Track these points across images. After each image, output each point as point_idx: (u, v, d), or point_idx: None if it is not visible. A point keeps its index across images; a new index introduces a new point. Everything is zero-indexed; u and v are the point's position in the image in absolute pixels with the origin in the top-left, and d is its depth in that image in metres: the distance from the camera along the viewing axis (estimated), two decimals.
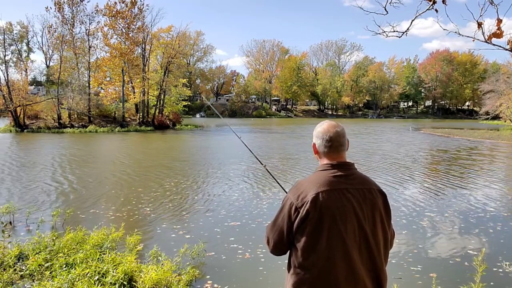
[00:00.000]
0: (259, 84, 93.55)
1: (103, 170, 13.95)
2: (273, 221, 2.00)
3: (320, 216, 1.83)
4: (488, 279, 4.73)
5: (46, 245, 5.19)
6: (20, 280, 4.53)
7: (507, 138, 30.21)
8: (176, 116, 44.68)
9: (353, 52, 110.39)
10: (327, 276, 1.83)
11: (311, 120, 72.20)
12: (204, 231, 6.87)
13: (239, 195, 9.81)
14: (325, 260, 1.83)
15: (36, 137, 28.87)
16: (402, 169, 14.47)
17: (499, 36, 3.17)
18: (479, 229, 7.20)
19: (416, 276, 5.12)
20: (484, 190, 10.85)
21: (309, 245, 1.85)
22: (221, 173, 13.25)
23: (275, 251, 2.03)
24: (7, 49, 39.54)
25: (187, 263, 5.14)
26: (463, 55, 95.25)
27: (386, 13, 3.69)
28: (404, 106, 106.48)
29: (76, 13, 41.13)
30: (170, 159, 17.38)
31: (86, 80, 42.79)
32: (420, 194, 10.25)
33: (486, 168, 15.43)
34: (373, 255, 1.91)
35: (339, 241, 1.84)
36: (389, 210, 2.02)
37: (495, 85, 47.52)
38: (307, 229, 1.85)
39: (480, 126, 48.86)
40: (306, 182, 1.96)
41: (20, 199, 9.09)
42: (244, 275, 5.17)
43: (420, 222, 7.54)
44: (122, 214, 7.97)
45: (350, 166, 2.01)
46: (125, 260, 4.66)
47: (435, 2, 3.21)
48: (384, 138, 31.40)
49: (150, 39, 43.23)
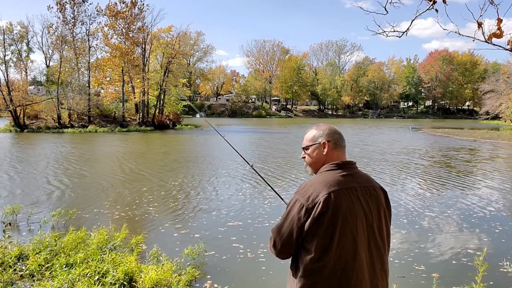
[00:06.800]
0: (259, 84, 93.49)
1: (105, 170, 13.95)
2: (280, 224, 1.95)
3: (333, 216, 1.82)
4: (490, 279, 4.73)
5: (47, 245, 5.18)
6: (20, 280, 4.53)
7: (507, 138, 30.20)
8: (176, 116, 44.67)
9: (353, 52, 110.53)
10: (339, 277, 1.82)
11: (311, 120, 72.16)
12: (206, 231, 6.88)
13: (241, 195, 9.81)
14: (337, 260, 1.82)
15: (36, 137, 28.86)
16: (402, 169, 14.47)
17: (499, 36, 3.17)
18: (481, 228, 7.20)
19: (418, 276, 5.12)
20: (485, 190, 10.85)
21: (321, 246, 1.83)
22: (223, 172, 13.24)
23: (282, 254, 1.98)
24: (7, 49, 39.43)
25: (187, 263, 5.14)
26: (463, 55, 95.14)
27: (386, 13, 3.69)
28: (404, 106, 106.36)
29: (77, 13, 41.17)
30: (172, 158, 17.39)
31: (86, 80, 42.79)
32: (420, 194, 10.25)
33: (486, 168, 15.43)
34: (381, 252, 1.94)
35: (350, 240, 1.84)
36: (390, 206, 2.07)
37: (495, 85, 47.51)
38: (320, 230, 1.83)
39: (480, 126, 48.83)
40: (314, 183, 1.94)
41: (21, 199, 9.08)
42: (245, 275, 5.17)
43: (421, 222, 7.54)
44: (126, 213, 7.99)
45: (354, 165, 2.04)
46: (125, 260, 4.66)
47: (435, 2, 3.21)
48: (384, 138, 31.39)
49: (150, 39, 43.22)
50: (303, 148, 2.13)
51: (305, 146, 2.11)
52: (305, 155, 2.12)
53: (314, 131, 2.10)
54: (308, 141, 2.10)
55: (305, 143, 2.12)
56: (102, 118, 40.61)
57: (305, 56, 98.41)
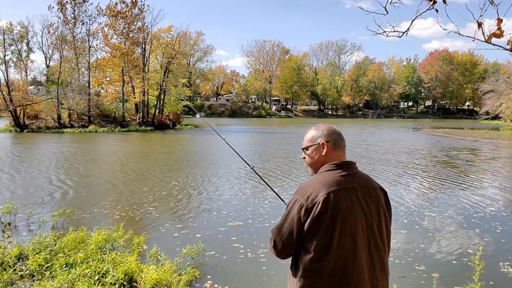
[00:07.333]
0: (259, 84, 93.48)
1: (105, 170, 13.95)
2: (280, 224, 1.95)
3: (332, 216, 1.82)
4: (491, 279, 4.74)
5: (47, 245, 5.18)
6: (20, 280, 4.52)
7: (507, 138, 30.20)
8: (176, 116, 44.66)
9: (353, 52, 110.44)
10: (339, 277, 1.82)
11: (311, 120, 72.15)
12: (206, 231, 6.88)
13: (242, 195, 9.82)
14: (336, 261, 1.82)
15: (36, 137, 28.86)
16: (402, 169, 14.47)
17: (499, 36, 3.17)
18: (481, 228, 7.19)
19: (419, 276, 5.12)
20: (485, 190, 10.85)
21: (321, 246, 1.82)
22: (223, 172, 13.25)
23: (282, 255, 1.98)
24: (7, 49, 39.47)
25: (187, 263, 5.14)
26: (463, 55, 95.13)
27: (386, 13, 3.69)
28: (404, 106, 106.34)
29: (78, 13, 41.17)
30: (173, 158, 17.39)
31: (86, 80, 42.79)
32: (421, 193, 10.25)
33: (486, 168, 15.43)
34: (381, 252, 1.94)
35: (350, 240, 1.84)
36: (390, 207, 2.07)
37: (495, 85, 47.52)
38: (319, 230, 1.83)
39: (480, 126, 48.82)
40: (313, 183, 1.93)
41: (22, 199, 9.07)
42: (245, 275, 5.16)
43: (421, 222, 7.54)
44: (127, 213, 7.99)
45: (354, 165, 2.04)
46: (125, 260, 4.65)
47: (435, 2, 3.21)
48: (385, 138, 31.39)
49: (150, 39, 43.23)
50: (303, 149, 2.13)
51: (304, 147, 2.12)
52: (305, 155, 2.13)
53: (313, 132, 2.10)
54: (307, 141, 2.11)
55: (304, 143, 2.12)
56: (102, 118, 40.61)
57: (305, 56, 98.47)
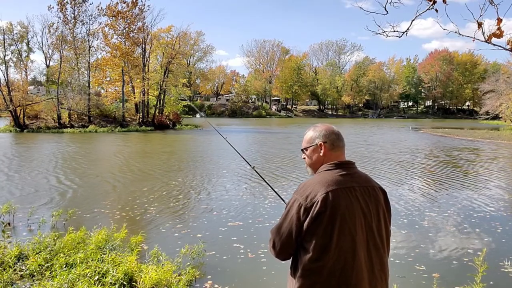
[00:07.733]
0: (259, 84, 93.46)
1: (105, 170, 13.95)
2: (279, 224, 1.95)
3: (331, 216, 1.82)
4: (491, 279, 4.73)
5: (47, 245, 5.18)
6: (20, 280, 4.52)
7: (507, 138, 30.19)
8: (176, 116, 44.66)
9: (353, 52, 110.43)
10: (338, 277, 1.82)
11: (311, 120, 72.13)
12: (206, 231, 6.88)
13: (242, 195, 9.82)
14: (336, 260, 1.81)
15: (36, 137, 28.85)
16: (402, 169, 14.47)
17: (499, 36, 3.17)
18: (482, 228, 7.19)
19: (419, 276, 5.11)
20: (485, 190, 10.84)
21: (320, 245, 1.82)
22: (223, 172, 13.24)
23: (281, 255, 1.97)
24: (7, 49, 39.43)
25: (187, 263, 5.14)
26: (463, 55, 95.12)
27: (386, 13, 3.69)
28: (404, 106, 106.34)
29: (78, 13, 41.16)
30: (173, 158, 17.39)
31: (86, 80, 42.78)
32: (421, 194, 10.24)
33: (486, 168, 15.43)
34: (380, 252, 1.93)
35: (349, 240, 1.83)
36: (389, 207, 2.06)
37: (495, 85, 47.50)
38: (318, 230, 1.82)
39: (480, 126, 48.82)
40: (312, 182, 1.93)
41: (21, 199, 9.06)
42: (246, 275, 5.16)
43: (421, 222, 7.54)
44: (127, 213, 7.99)
45: (353, 164, 2.04)
46: (125, 260, 4.65)
47: (435, 2, 3.21)
48: (386, 138, 31.38)
49: (150, 39, 43.23)
50: (302, 150, 2.14)
51: (303, 148, 2.13)
52: (305, 156, 2.13)
53: (311, 133, 2.10)
54: (306, 142, 2.11)
55: (303, 144, 2.13)
56: (102, 118, 40.60)
57: (305, 56, 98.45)
